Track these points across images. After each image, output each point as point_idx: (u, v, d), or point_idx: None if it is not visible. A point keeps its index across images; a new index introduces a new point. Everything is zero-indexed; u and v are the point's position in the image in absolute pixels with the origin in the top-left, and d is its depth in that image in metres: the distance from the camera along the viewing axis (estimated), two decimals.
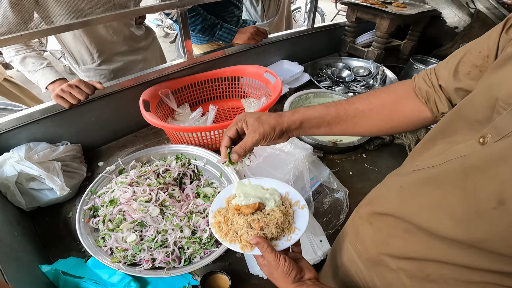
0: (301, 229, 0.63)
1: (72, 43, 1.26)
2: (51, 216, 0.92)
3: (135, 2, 1.25)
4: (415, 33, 1.75)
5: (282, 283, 0.58)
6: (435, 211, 0.42)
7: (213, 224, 0.66)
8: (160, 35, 5.48)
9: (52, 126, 1.03)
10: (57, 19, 0.99)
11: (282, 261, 0.57)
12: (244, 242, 0.61)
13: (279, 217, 0.63)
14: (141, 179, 0.89)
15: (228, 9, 1.51)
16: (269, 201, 0.65)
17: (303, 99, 1.31)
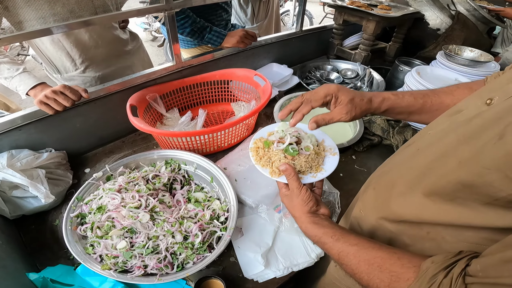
0: (327, 170, 0.70)
1: (51, 50, 1.19)
2: (37, 224, 0.89)
3: (117, 6, 1.21)
4: (399, 35, 1.79)
5: (298, 211, 0.63)
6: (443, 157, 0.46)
7: (252, 148, 0.75)
8: (148, 39, 5.43)
9: (35, 132, 0.99)
10: (29, 25, 0.93)
11: (304, 190, 0.63)
12: (274, 168, 0.69)
13: (311, 153, 0.70)
14: (129, 185, 0.87)
15: (216, 12, 1.50)
16: (306, 140, 0.73)
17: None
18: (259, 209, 0.90)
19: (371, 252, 0.49)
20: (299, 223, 0.63)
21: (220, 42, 1.37)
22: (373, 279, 0.47)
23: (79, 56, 1.23)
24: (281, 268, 0.79)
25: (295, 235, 0.86)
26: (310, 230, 0.60)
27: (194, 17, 1.31)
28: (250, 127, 1.20)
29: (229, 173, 0.98)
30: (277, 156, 0.69)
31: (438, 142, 0.50)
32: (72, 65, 1.24)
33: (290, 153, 0.69)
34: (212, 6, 1.47)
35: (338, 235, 0.55)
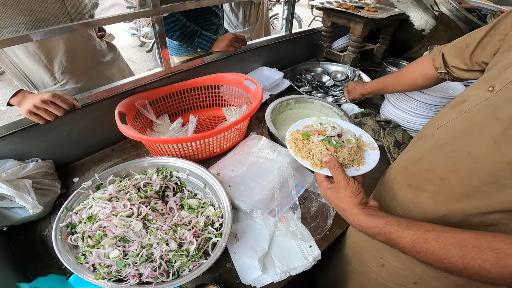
0: (370, 164, 0.69)
1: (27, 63, 1.10)
2: (26, 234, 0.87)
3: (90, 13, 1.18)
4: (386, 37, 1.82)
5: (347, 204, 0.61)
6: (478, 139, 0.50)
7: (290, 140, 0.74)
8: (136, 44, 5.38)
9: (20, 142, 0.96)
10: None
11: (352, 182, 0.61)
12: (315, 160, 0.67)
13: (354, 146, 0.70)
14: (120, 193, 0.85)
15: (205, 16, 1.49)
16: (346, 133, 0.74)
17: (284, 106, 1.32)
18: (253, 214, 0.90)
19: (456, 235, 0.47)
20: (350, 216, 0.60)
21: (210, 46, 1.36)
22: (472, 260, 0.44)
23: (58, 68, 1.16)
24: (278, 272, 0.79)
25: (291, 239, 0.86)
26: (366, 222, 0.57)
27: (184, 21, 1.30)
28: (242, 132, 1.19)
29: (222, 179, 0.97)
30: (318, 148, 0.68)
31: (458, 128, 0.54)
32: (51, 79, 1.17)
33: (333, 144, 0.68)
34: (202, 10, 1.46)
35: (406, 223, 0.53)
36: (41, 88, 1.19)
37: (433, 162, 0.59)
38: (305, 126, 0.76)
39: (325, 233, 0.89)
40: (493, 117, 0.46)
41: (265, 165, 1.01)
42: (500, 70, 0.52)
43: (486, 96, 0.50)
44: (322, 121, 0.76)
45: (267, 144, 1.09)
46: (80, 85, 1.23)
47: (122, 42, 5.39)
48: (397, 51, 1.86)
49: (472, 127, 0.51)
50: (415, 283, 0.69)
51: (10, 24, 0.90)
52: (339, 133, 0.72)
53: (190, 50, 1.56)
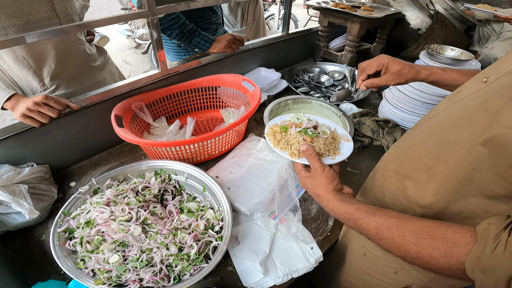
0: (345, 154, 0.74)
1: (15, 69, 1.07)
2: (23, 240, 0.86)
3: (79, 16, 1.15)
4: (383, 36, 1.83)
5: (323, 190, 0.64)
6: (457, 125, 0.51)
7: (268, 133, 0.79)
8: (131, 46, 5.34)
9: (14, 147, 0.95)
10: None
11: (327, 169, 0.65)
12: (293, 150, 0.72)
13: (328, 137, 0.75)
14: (118, 198, 0.84)
15: (204, 14, 1.48)
16: (322, 126, 0.79)
17: (282, 106, 1.31)
18: (254, 217, 0.89)
19: (416, 223, 0.49)
20: (325, 202, 0.63)
21: (208, 47, 1.35)
22: (424, 248, 0.46)
23: (47, 74, 1.13)
24: (280, 275, 0.78)
25: (292, 241, 0.85)
26: (338, 207, 0.59)
27: (184, 19, 1.28)
28: (240, 134, 1.18)
29: (222, 182, 0.96)
30: (296, 139, 0.73)
31: (449, 118, 0.55)
32: (40, 85, 1.13)
33: (309, 135, 0.73)
34: (201, 9, 1.44)
35: (373, 210, 0.55)
36: (29, 95, 1.15)
37: (421, 150, 0.60)
38: (283, 121, 0.81)
39: (326, 234, 0.89)
40: (483, 108, 0.46)
41: (265, 166, 1.00)
42: (499, 62, 0.52)
43: (479, 87, 0.51)
44: (299, 116, 0.80)
45: (266, 146, 1.08)
46: (70, 91, 1.20)
47: (117, 44, 5.35)
48: (394, 50, 1.86)
49: (462, 117, 0.51)
50: (396, 272, 0.71)
51: (2, 26, 0.88)
52: (315, 125, 0.78)
53: (190, 52, 1.54)
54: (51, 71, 1.13)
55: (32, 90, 1.14)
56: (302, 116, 0.80)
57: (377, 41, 1.87)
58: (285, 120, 0.81)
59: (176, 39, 1.34)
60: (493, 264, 0.38)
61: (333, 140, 0.75)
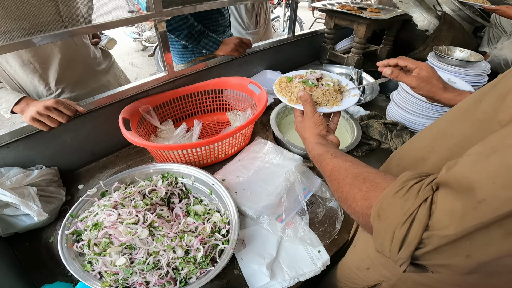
0: (343, 105, 0.79)
1: (21, 74, 1.07)
2: (31, 241, 0.86)
3: (85, 20, 1.16)
4: (389, 38, 1.81)
5: (308, 133, 0.70)
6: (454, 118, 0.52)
7: (276, 83, 0.87)
8: (138, 49, 5.40)
9: (24, 149, 0.96)
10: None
11: (317, 115, 0.71)
12: (292, 97, 0.80)
13: (329, 88, 0.80)
14: (126, 200, 0.84)
15: (211, 16, 1.48)
16: (327, 78, 0.86)
17: (288, 109, 1.31)
18: (260, 220, 0.88)
19: (362, 168, 0.51)
20: (307, 144, 0.69)
21: (216, 48, 1.36)
22: (353, 189, 0.47)
23: (53, 78, 1.13)
24: (287, 278, 0.77)
25: (299, 244, 0.84)
26: (315, 149, 0.65)
27: (192, 20, 1.29)
28: (247, 137, 1.18)
29: (228, 185, 0.96)
30: (297, 88, 0.80)
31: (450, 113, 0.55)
32: (46, 89, 1.14)
33: (309, 84, 0.80)
34: (208, 10, 1.43)
35: (338, 153, 0.59)
36: (35, 99, 1.13)
37: (420, 142, 0.60)
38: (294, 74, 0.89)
39: (334, 238, 0.88)
40: (478, 100, 0.45)
41: (271, 170, 1.00)
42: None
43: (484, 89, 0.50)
44: (312, 70, 0.89)
45: (272, 149, 1.07)
46: (75, 94, 1.21)
47: (124, 47, 5.42)
48: (401, 52, 1.83)
49: (458, 109, 0.52)
50: (368, 268, 0.73)
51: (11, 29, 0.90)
52: (318, 77, 0.85)
53: (196, 54, 1.54)
54: (57, 75, 1.14)
55: (38, 94, 1.15)
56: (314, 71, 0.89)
57: (383, 42, 1.86)
58: (298, 74, 0.89)
59: (184, 40, 1.34)
60: (388, 208, 0.38)
61: (335, 93, 0.80)
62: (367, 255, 0.72)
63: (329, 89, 0.80)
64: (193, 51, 1.54)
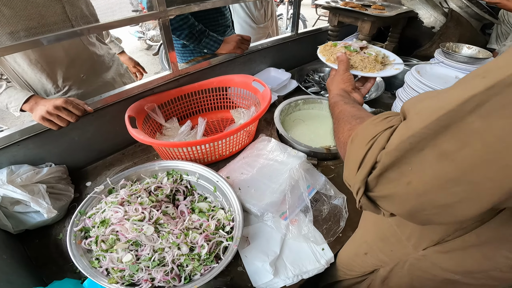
0: (379, 73, 0.83)
1: (29, 72, 1.10)
2: (41, 238, 0.88)
3: (96, 18, 1.17)
4: (395, 35, 1.79)
5: (334, 86, 0.76)
6: None
7: (321, 46, 0.94)
8: (143, 48, 5.43)
9: (33, 147, 0.98)
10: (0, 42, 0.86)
11: (347, 73, 0.77)
12: (330, 57, 0.87)
13: (370, 57, 0.84)
14: (132, 198, 0.86)
15: (210, 16, 1.48)
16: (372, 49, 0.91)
17: (292, 106, 1.31)
18: (264, 217, 0.89)
19: (363, 112, 0.55)
20: (330, 95, 0.73)
21: (217, 47, 1.36)
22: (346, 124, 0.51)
23: (60, 76, 1.16)
24: (290, 276, 0.78)
25: (303, 242, 0.85)
26: (334, 98, 0.69)
27: (193, 20, 1.29)
28: (251, 134, 1.18)
29: (232, 182, 0.97)
30: (339, 51, 0.86)
31: None
32: (53, 87, 1.16)
33: (350, 49, 0.86)
34: (207, 11, 1.44)
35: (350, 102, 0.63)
36: (43, 96, 1.16)
37: None
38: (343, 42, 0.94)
39: (338, 236, 0.88)
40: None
41: (275, 167, 1.00)
42: None
43: None
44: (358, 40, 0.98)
45: (276, 146, 1.08)
46: (81, 91, 1.23)
47: (129, 46, 5.45)
48: (407, 49, 1.83)
49: None
50: (366, 253, 0.74)
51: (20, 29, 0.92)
52: (363, 46, 0.89)
53: (195, 54, 1.55)
54: (63, 73, 1.16)
55: (46, 92, 1.17)
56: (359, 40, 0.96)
57: (389, 40, 1.84)
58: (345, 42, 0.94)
59: (185, 40, 1.35)
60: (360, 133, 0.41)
61: (374, 62, 0.83)
62: (365, 240, 0.73)
63: (369, 57, 0.83)
64: (192, 50, 1.54)
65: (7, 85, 0.93)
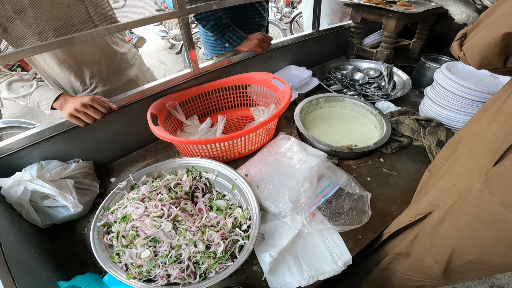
0: None
1: (58, 72, 1.14)
2: (67, 233, 0.92)
3: (115, 18, 1.19)
4: (423, 32, 1.70)
5: None
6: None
7: None
8: (166, 47, 5.57)
9: (62, 143, 1.02)
10: (29, 42, 0.92)
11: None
12: None
13: None
14: (152, 194, 0.87)
15: (246, 13, 1.46)
16: None
17: (313, 105, 1.28)
18: (281, 215, 0.87)
19: None
20: None
21: (239, 43, 1.35)
22: None
23: (87, 74, 1.20)
24: (306, 277, 0.76)
25: (320, 242, 0.82)
26: None
27: (221, 13, 1.28)
28: (270, 132, 1.17)
29: (251, 180, 0.96)
30: None
31: None
32: (81, 85, 1.21)
33: None
34: (244, 7, 1.42)
35: None
36: (71, 94, 1.22)
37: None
38: None
39: (358, 238, 0.85)
40: None
41: (294, 165, 0.98)
42: None
43: None
44: None
45: (296, 145, 1.06)
46: (106, 88, 1.28)
47: (153, 45, 5.62)
48: (436, 46, 1.73)
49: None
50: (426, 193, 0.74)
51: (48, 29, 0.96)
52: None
53: (227, 48, 1.54)
54: (90, 72, 1.21)
55: (74, 90, 1.23)
56: None
57: (416, 37, 1.75)
58: None
59: (210, 31, 1.34)
60: None
61: None
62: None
63: None
64: (224, 45, 1.53)
65: (38, 84, 0.98)
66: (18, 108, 3.89)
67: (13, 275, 0.63)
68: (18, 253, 0.72)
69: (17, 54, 0.83)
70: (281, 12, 6.23)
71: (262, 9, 1.52)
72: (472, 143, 0.64)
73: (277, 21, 5.11)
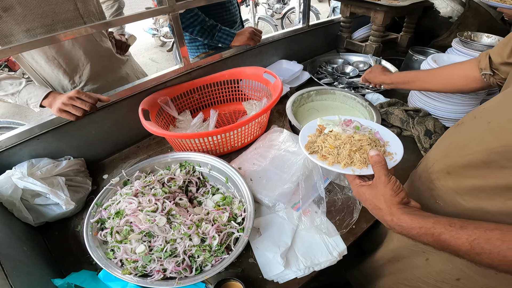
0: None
1: (47, 69, 1.13)
2: (60, 230, 0.91)
3: (102, 15, 1.19)
4: (410, 25, 1.74)
5: (386, 202, 0.56)
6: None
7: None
8: (157, 45, 5.51)
9: (52, 141, 1.01)
10: (17, 39, 0.90)
11: (394, 179, 0.57)
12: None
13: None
14: (146, 189, 0.87)
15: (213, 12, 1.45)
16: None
17: (305, 98, 1.29)
18: (276, 208, 0.89)
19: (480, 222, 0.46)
20: (387, 216, 0.55)
21: (230, 40, 1.36)
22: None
23: (76, 72, 1.19)
24: (302, 268, 0.77)
25: (315, 233, 0.84)
26: (409, 222, 0.52)
27: (203, 16, 1.30)
28: (263, 125, 1.18)
29: (244, 173, 0.97)
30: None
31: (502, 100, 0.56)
32: (70, 83, 1.19)
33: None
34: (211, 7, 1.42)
35: (460, 223, 0.48)
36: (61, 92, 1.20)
37: (479, 145, 0.54)
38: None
39: (351, 227, 0.86)
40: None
41: (287, 158, 0.99)
42: None
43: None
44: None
45: (288, 137, 1.07)
46: (97, 86, 1.26)
47: (144, 43, 5.55)
48: (423, 39, 1.76)
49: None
50: (458, 279, 0.64)
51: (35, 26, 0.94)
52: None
53: (200, 49, 1.54)
54: (79, 69, 1.19)
55: (63, 88, 1.21)
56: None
57: (404, 30, 1.78)
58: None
59: (199, 36, 1.35)
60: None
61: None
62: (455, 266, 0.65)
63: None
64: (197, 45, 1.52)
65: (27, 82, 0.97)
66: (6, 108, 3.80)
67: (6, 272, 0.63)
68: (11, 250, 0.71)
69: (4, 52, 0.82)
70: (272, 9, 6.23)
71: (230, 5, 1.50)
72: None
73: (268, 17, 5.11)
